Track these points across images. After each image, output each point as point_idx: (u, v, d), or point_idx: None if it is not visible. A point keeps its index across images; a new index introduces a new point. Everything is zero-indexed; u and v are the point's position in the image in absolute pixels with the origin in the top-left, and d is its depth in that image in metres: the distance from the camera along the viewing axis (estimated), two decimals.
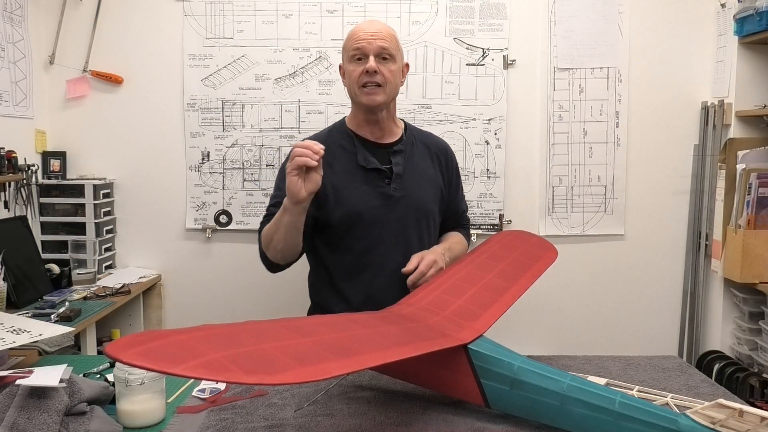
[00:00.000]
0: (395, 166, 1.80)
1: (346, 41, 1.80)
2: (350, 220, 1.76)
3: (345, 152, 1.81)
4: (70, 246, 2.46)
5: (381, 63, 1.73)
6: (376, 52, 1.73)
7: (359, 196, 1.76)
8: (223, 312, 2.67)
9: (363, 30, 1.76)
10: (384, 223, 1.77)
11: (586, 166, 2.70)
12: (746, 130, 2.53)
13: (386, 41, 1.74)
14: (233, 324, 1.03)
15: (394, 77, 1.77)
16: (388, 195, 1.78)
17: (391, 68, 1.75)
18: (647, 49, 2.67)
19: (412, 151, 1.87)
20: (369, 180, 1.78)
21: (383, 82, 1.73)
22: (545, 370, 1.18)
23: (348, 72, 1.78)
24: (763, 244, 2.38)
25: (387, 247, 1.77)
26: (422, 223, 1.83)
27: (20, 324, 1.46)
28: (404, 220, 1.79)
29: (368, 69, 1.71)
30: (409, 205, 1.80)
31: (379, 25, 1.78)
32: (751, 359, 2.42)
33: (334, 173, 1.76)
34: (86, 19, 2.59)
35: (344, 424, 1.22)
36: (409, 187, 1.81)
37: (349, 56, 1.77)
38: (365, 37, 1.73)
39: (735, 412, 0.98)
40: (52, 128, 2.63)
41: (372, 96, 1.74)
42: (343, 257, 1.79)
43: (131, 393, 1.20)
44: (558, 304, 2.74)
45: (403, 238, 1.79)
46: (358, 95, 1.76)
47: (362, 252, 1.77)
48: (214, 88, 2.62)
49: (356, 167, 1.79)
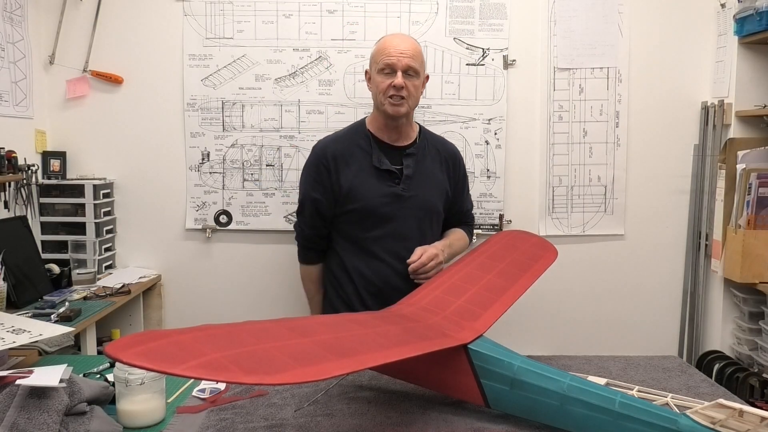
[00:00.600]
0: (406, 168, 2.02)
1: (377, 53, 2.00)
2: (362, 215, 1.99)
3: (362, 152, 2.02)
4: (70, 246, 2.46)
5: (407, 78, 1.95)
6: (404, 69, 1.94)
7: (372, 194, 1.98)
8: (223, 312, 2.67)
9: (394, 46, 1.96)
10: (391, 219, 1.99)
11: (586, 166, 2.70)
12: (746, 130, 2.53)
13: (413, 60, 1.96)
14: (233, 324, 1.03)
15: (417, 91, 2.01)
16: (397, 194, 2.00)
17: (415, 83, 1.98)
18: (647, 49, 2.67)
19: (423, 154, 2.07)
20: (381, 179, 2.00)
21: (407, 95, 1.96)
22: (545, 370, 1.18)
23: (376, 82, 1.99)
24: (763, 244, 2.38)
25: (393, 240, 1.99)
26: (425, 221, 2.04)
27: (20, 324, 1.46)
28: (410, 217, 2.01)
29: (396, 84, 1.93)
30: (415, 204, 2.01)
31: (408, 42, 1.99)
32: (751, 359, 2.42)
33: (351, 171, 2.00)
34: (86, 19, 2.59)
35: (344, 424, 1.22)
36: (417, 188, 2.02)
37: (378, 68, 1.97)
38: (395, 54, 1.94)
39: (735, 412, 0.98)
40: (52, 128, 2.63)
41: (396, 107, 1.96)
42: (353, 245, 2.02)
43: (131, 393, 1.20)
44: (558, 304, 2.74)
45: (408, 233, 2.00)
46: (383, 104, 1.97)
47: (369, 241, 1.99)
48: (214, 88, 2.62)
49: (371, 167, 2.00)
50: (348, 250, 2.03)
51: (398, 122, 2.01)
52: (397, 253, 1.98)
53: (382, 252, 1.99)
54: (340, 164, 2.00)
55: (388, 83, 1.94)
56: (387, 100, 1.95)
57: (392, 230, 1.99)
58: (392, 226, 1.99)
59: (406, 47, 1.96)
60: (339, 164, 2.00)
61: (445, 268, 1.83)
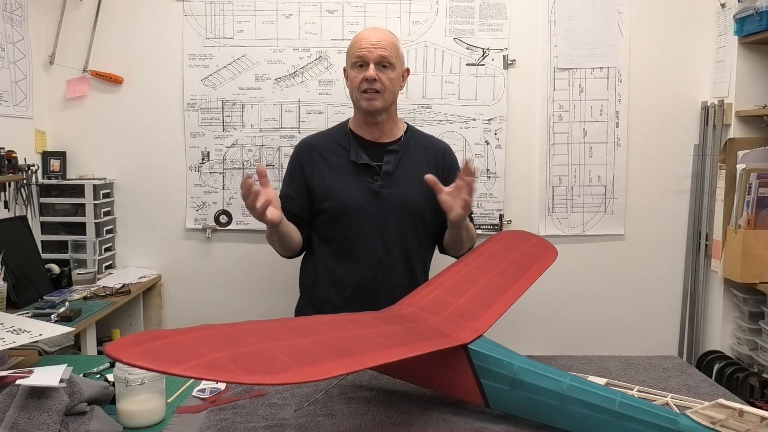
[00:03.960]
0: (385, 164, 1.91)
1: (350, 48, 1.92)
2: (336, 212, 1.89)
3: (341, 148, 1.94)
4: (70, 246, 2.46)
5: (381, 71, 1.85)
6: (376, 61, 1.85)
7: (346, 190, 1.89)
8: (223, 312, 2.67)
9: (365, 38, 1.88)
10: (367, 217, 1.88)
11: (586, 166, 2.70)
12: (746, 130, 2.53)
13: (386, 50, 1.86)
14: (233, 324, 1.03)
15: (393, 84, 1.89)
16: (374, 191, 1.89)
17: (390, 75, 1.87)
18: (647, 49, 2.67)
19: (408, 151, 1.96)
20: (358, 175, 1.90)
21: (382, 89, 1.86)
22: (545, 370, 1.18)
23: (350, 77, 1.91)
24: (763, 244, 2.38)
25: (368, 239, 1.89)
26: (406, 220, 1.92)
27: (20, 324, 1.46)
28: (387, 216, 1.89)
29: (367, 77, 1.84)
30: (394, 202, 1.90)
31: (381, 34, 1.90)
32: (751, 359, 2.42)
33: (327, 168, 1.92)
34: (86, 19, 2.59)
35: (344, 424, 1.22)
36: (397, 185, 1.91)
37: (351, 62, 1.90)
38: (367, 45, 1.86)
39: (735, 412, 0.98)
40: (52, 128, 2.63)
41: (371, 101, 1.86)
42: (329, 246, 1.93)
43: (131, 393, 1.20)
44: (558, 304, 2.74)
45: (385, 233, 1.89)
46: (358, 99, 1.89)
47: (345, 242, 1.90)
48: (214, 88, 2.62)
49: (349, 163, 1.91)
50: (325, 252, 1.93)
51: (377, 118, 1.90)
52: (375, 253, 1.88)
53: (359, 253, 1.88)
54: (317, 160, 1.93)
55: (362, 77, 1.84)
56: (362, 95, 1.86)
57: (369, 229, 1.88)
58: (369, 225, 1.88)
59: (378, 39, 1.86)
60: (315, 160, 1.93)
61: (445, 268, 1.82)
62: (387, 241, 1.89)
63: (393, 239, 1.90)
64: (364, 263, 1.88)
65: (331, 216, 1.90)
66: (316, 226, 1.95)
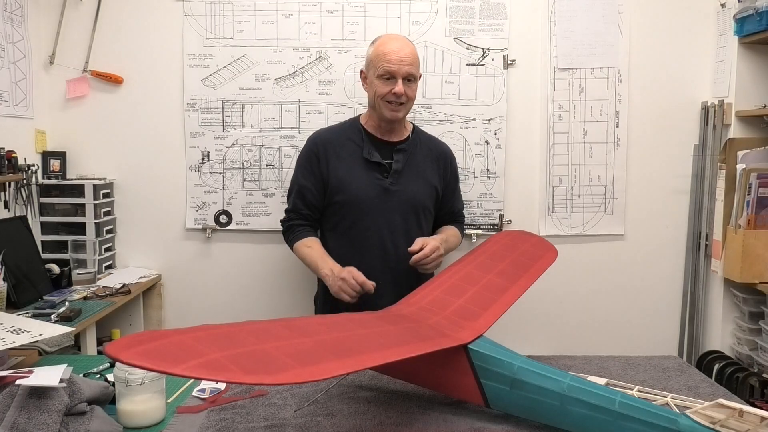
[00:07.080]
0: (395, 163, 2.05)
1: (376, 58, 2.01)
2: (348, 206, 2.03)
3: (353, 145, 2.07)
4: (70, 246, 2.46)
5: (406, 85, 1.99)
6: (404, 76, 1.98)
7: (358, 186, 2.03)
8: (223, 312, 2.67)
9: (393, 52, 1.98)
10: (377, 212, 2.02)
11: (586, 166, 2.70)
12: (746, 130, 2.53)
13: (413, 66, 2.01)
14: (233, 324, 1.03)
15: (414, 94, 2.06)
16: (384, 187, 2.04)
17: (413, 87, 2.04)
18: (647, 49, 2.67)
19: (414, 150, 2.11)
20: (370, 172, 2.04)
21: (406, 100, 2.01)
22: (545, 370, 1.18)
23: (374, 85, 2.01)
24: (763, 244, 2.38)
25: (377, 232, 2.03)
26: (411, 216, 2.07)
27: (20, 324, 1.46)
28: (395, 211, 2.04)
29: (397, 92, 1.97)
30: (402, 198, 2.05)
31: (407, 48, 2.02)
32: (751, 359, 2.42)
33: (340, 162, 2.05)
34: (86, 19, 2.59)
35: (344, 424, 1.22)
36: (405, 183, 2.06)
37: (378, 73, 2.00)
38: (396, 61, 1.97)
39: (735, 412, 0.98)
40: (52, 128, 2.63)
41: (395, 113, 2.01)
42: (341, 238, 2.06)
43: (131, 393, 1.20)
44: (558, 304, 2.74)
45: (394, 227, 2.04)
46: (381, 107, 2.01)
47: (356, 234, 2.03)
48: (214, 88, 2.62)
49: (361, 159, 2.05)
50: (335, 242, 2.06)
51: (394, 124, 2.07)
52: (383, 246, 2.02)
53: (368, 244, 2.02)
54: (331, 155, 2.06)
55: (388, 90, 1.98)
56: (386, 105, 2.00)
57: (378, 223, 2.02)
58: (378, 219, 2.02)
59: (405, 54, 1.99)
60: (329, 154, 2.06)
61: (445, 268, 1.82)
62: (394, 234, 2.03)
63: (400, 233, 2.03)
64: (373, 254, 2.02)
65: (342, 208, 2.04)
66: (326, 217, 2.09)
